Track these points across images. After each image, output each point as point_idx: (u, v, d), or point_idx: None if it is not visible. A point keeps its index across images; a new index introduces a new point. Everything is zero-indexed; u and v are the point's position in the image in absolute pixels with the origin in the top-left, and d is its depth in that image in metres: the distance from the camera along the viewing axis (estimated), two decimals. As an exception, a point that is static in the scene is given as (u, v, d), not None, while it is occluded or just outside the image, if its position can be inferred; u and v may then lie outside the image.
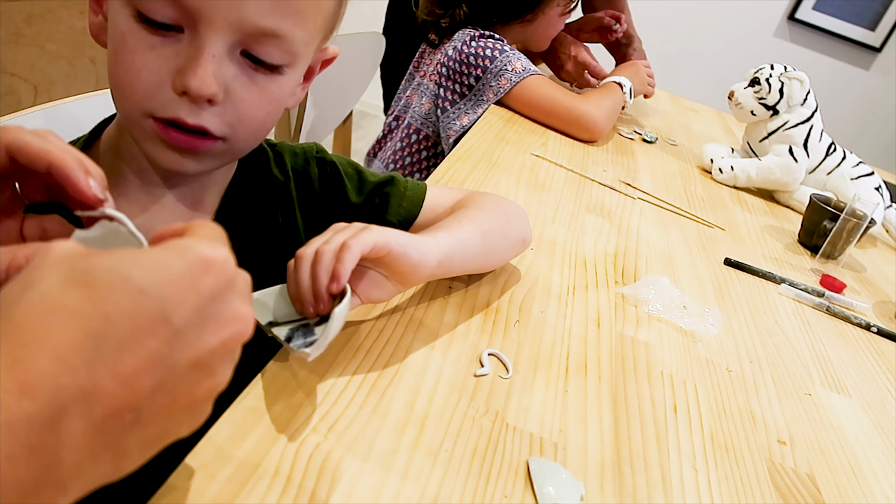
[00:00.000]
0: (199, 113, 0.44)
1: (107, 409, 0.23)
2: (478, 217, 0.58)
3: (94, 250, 0.26)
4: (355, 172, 0.63)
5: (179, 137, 0.44)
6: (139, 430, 0.25)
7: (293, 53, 0.46)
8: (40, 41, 0.91)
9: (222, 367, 0.28)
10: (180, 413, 0.27)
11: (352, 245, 0.43)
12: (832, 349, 0.75)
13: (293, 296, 0.45)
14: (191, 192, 0.52)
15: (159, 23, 0.41)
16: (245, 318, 0.29)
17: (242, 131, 0.47)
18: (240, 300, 0.29)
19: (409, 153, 1.32)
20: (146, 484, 0.33)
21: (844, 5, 2.96)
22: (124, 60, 0.43)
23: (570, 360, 0.56)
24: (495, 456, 0.43)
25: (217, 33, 0.42)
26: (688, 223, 1.00)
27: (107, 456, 0.24)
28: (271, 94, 0.47)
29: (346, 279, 0.42)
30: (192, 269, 0.26)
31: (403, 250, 0.46)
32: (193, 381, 0.27)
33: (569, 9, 1.33)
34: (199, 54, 0.42)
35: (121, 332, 0.24)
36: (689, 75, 3.13)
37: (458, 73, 1.23)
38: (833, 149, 1.21)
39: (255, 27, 0.42)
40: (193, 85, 0.41)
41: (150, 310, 0.24)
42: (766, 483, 0.50)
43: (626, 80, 1.33)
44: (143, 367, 0.24)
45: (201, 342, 0.26)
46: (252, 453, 0.37)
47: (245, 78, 0.45)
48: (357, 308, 0.53)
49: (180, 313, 0.25)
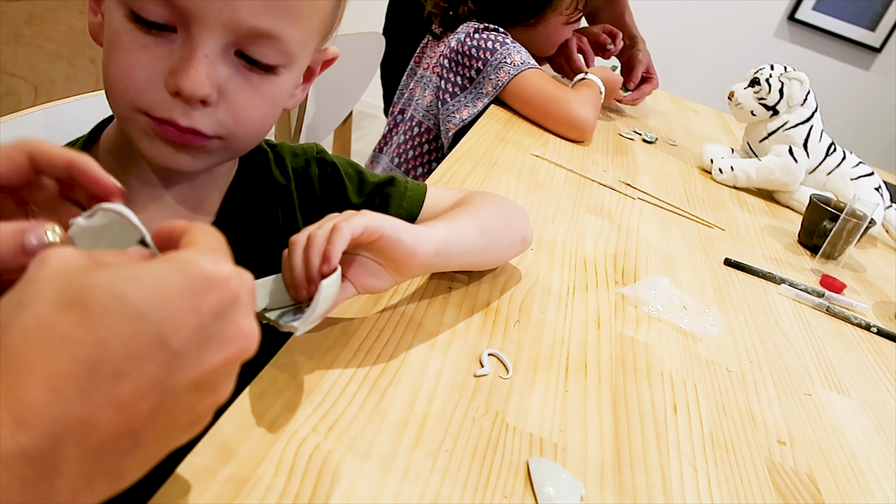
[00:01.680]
0: (192, 114, 0.43)
1: (103, 436, 0.23)
2: (476, 213, 0.58)
3: (92, 261, 0.25)
4: (355, 173, 0.63)
5: (173, 132, 0.44)
6: (137, 452, 0.25)
7: (288, 54, 0.45)
8: (40, 41, 0.91)
9: (224, 383, 0.28)
10: (180, 431, 0.27)
11: (342, 227, 0.43)
12: (832, 349, 0.75)
13: (288, 282, 0.45)
14: (192, 192, 0.52)
15: (152, 22, 0.41)
16: (249, 336, 0.28)
17: (238, 132, 0.46)
18: (244, 316, 0.28)
19: (411, 146, 1.31)
20: (146, 484, 0.33)
21: (844, 5, 2.96)
22: (117, 58, 0.43)
23: (570, 360, 0.56)
24: (495, 456, 0.43)
25: (210, 34, 0.41)
26: (688, 223, 1.00)
27: (104, 479, 0.24)
28: (267, 95, 0.46)
29: (336, 260, 0.42)
30: (194, 288, 0.25)
31: (396, 235, 0.46)
32: (194, 400, 0.26)
33: (573, 18, 1.33)
34: (191, 55, 0.41)
35: (117, 359, 0.23)
36: (689, 75, 3.13)
37: (459, 65, 1.23)
38: (833, 149, 1.21)
39: (249, 28, 0.42)
40: (186, 86, 0.41)
41: (147, 334, 0.24)
42: (765, 483, 0.50)
43: (601, 80, 1.33)
44: (141, 393, 0.23)
45: (203, 362, 0.26)
46: (252, 453, 0.37)
47: (240, 78, 0.44)
48: (358, 307, 0.53)
49: (180, 335, 0.25)
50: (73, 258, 0.25)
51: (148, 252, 0.30)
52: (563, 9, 1.29)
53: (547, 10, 1.28)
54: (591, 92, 1.29)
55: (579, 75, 1.35)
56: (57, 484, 0.22)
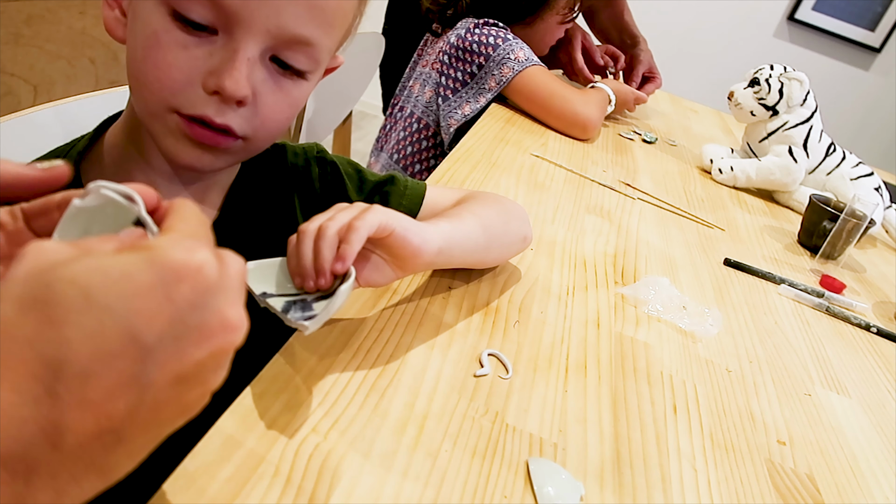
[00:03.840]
0: (226, 113, 0.44)
1: (80, 437, 0.22)
2: (479, 211, 0.59)
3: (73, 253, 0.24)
4: (355, 172, 0.64)
5: (204, 134, 0.45)
6: (124, 446, 0.24)
7: (318, 61, 0.47)
8: (40, 41, 0.91)
9: (214, 374, 0.26)
10: (169, 420, 0.25)
11: (359, 227, 0.43)
12: (832, 349, 0.75)
13: (293, 270, 0.45)
14: (195, 190, 0.53)
15: (195, 23, 0.42)
16: (235, 326, 0.26)
17: (263, 133, 0.48)
18: (228, 303, 0.26)
19: (410, 143, 1.31)
20: (145, 484, 0.33)
21: (844, 6, 2.96)
22: (154, 56, 0.43)
23: (570, 360, 0.56)
24: (495, 456, 0.43)
25: (253, 38, 0.43)
26: (687, 223, 1.00)
27: (91, 475, 0.23)
28: (294, 99, 0.48)
29: (351, 260, 0.43)
30: (164, 278, 0.24)
31: (405, 233, 0.47)
32: (180, 392, 0.25)
33: (568, 18, 1.33)
34: (234, 57, 0.43)
35: (83, 357, 0.22)
36: (688, 75, 3.13)
37: (460, 61, 1.23)
38: (833, 149, 1.21)
39: (291, 34, 0.44)
40: (228, 86, 0.42)
41: (115, 329, 0.22)
42: (765, 483, 0.50)
43: (612, 91, 1.34)
44: (114, 391, 0.22)
45: (183, 356, 0.24)
46: (252, 453, 0.37)
47: (272, 82, 0.46)
48: (358, 307, 0.53)
49: (152, 329, 0.23)
50: (52, 252, 0.24)
51: (142, 233, 0.29)
52: (560, 8, 1.29)
53: (544, 9, 1.28)
54: (598, 95, 1.30)
55: (591, 84, 1.36)
56: (35, 483, 0.21)
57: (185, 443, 0.36)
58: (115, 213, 0.30)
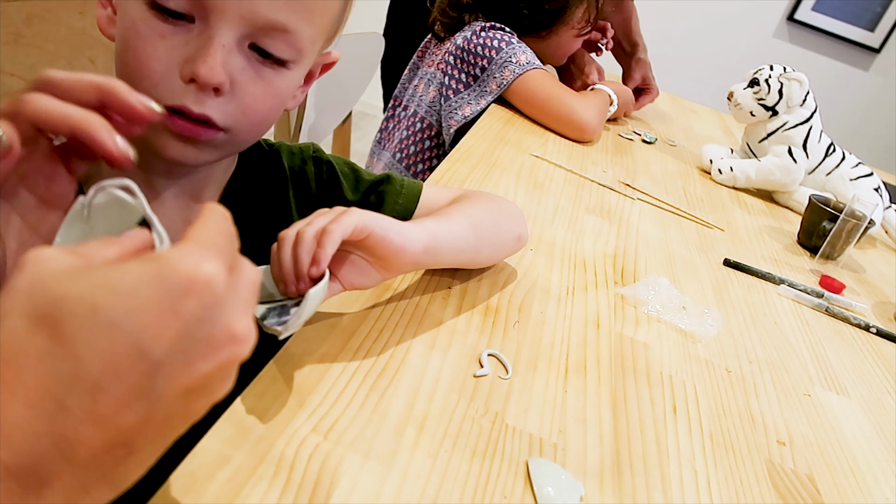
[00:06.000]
0: (205, 102, 0.44)
1: (92, 450, 0.22)
2: (468, 210, 0.59)
3: (74, 262, 0.24)
4: (351, 171, 0.64)
5: (183, 125, 0.45)
6: (133, 457, 0.24)
7: (299, 49, 0.46)
8: (40, 41, 0.91)
9: (220, 385, 0.26)
10: (177, 430, 0.26)
11: (332, 230, 0.44)
12: (831, 350, 0.75)
13: (276, 276, 0.46)
14: (190, 187, 0.53)
15: (171, 11, 0.42)
16: (243, 338, 0.26)
17: (245, 123, 0.47)
18: (235, 316, 0.26)
19: (413, 142, 1.31)
20: (145, 484, 0.33)
21: (843, 6, 2.96)
22: (134, 47, 0.43)
23: (570, 360, 0.56)
24: (495, 456, 0.43)
25: (228, 24, 0.43)
26: (687, 224, 1.00)
27: (102, 486, 0.24)
28: (276, 89, 0.47)
29: (325, 263, 0.43)
30: (171, 292, 0.23)
31: (384, 233, 0.46)
32: (188, 403, 0.25)
33: (585, 31, 1.33)
34: (209, 44, 0.43)
35: (94, 373, 0.22)
36: (688, 76, 3.13)
37: (464, 63, 1.23)
38: (832, 149, 1.21)
39: (266, 20, 0.44)
40: (202, 73, 0.42)
41: (124, 345, 0.23)
42: (765, 484, 0.50)
43: (614, 93, 1.34)
44: (124, 406, 0.23)
45: (191, 369, 0.24)
46: (252, 453, 0.37)
47: (251, 71, 0.46)
48: (358, 307, 0.53)
49: (160, 343, 0.23)
50: (53, 261, 0.24)
51: (147, 235, 0.29)
52: (575, 22, 1.29)
53: (558, 24, 1.28)
54: (598, 97, 1.30)
55: (592, 86, 1.36)
56: (48, 496, 0.22)
57: (185, 443, 0.36)
58: (120, 214, 0.30)
